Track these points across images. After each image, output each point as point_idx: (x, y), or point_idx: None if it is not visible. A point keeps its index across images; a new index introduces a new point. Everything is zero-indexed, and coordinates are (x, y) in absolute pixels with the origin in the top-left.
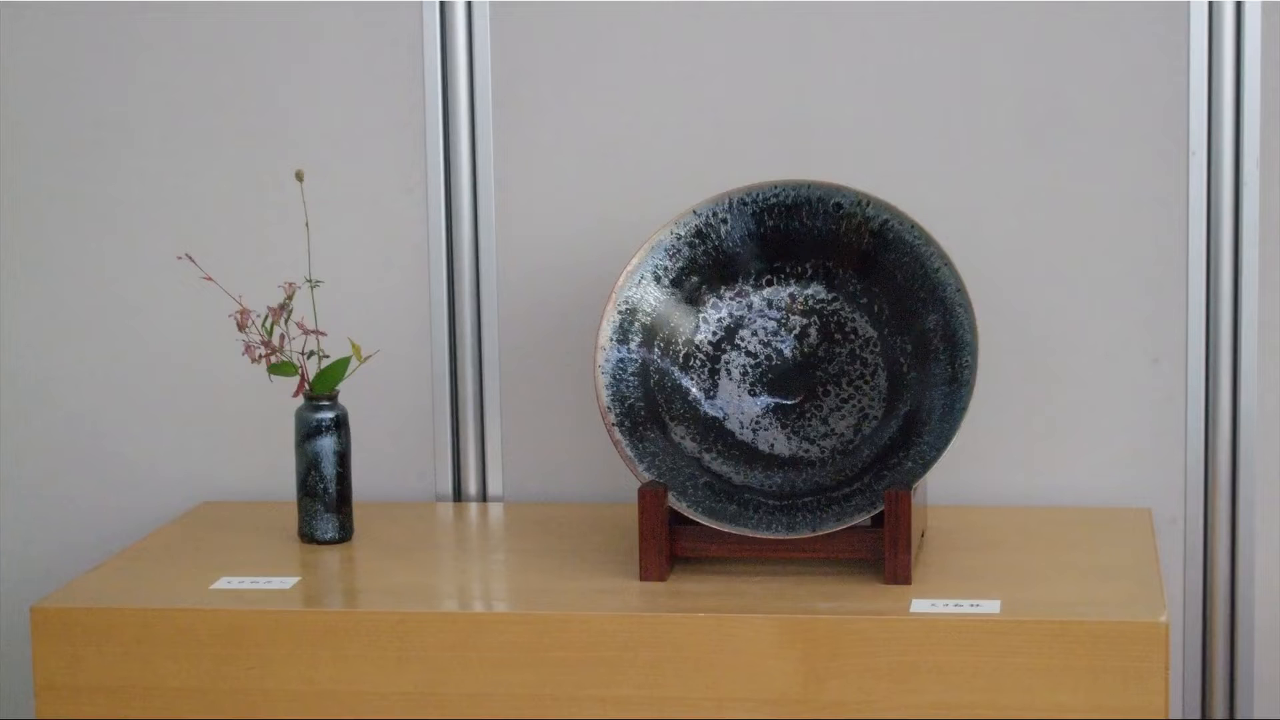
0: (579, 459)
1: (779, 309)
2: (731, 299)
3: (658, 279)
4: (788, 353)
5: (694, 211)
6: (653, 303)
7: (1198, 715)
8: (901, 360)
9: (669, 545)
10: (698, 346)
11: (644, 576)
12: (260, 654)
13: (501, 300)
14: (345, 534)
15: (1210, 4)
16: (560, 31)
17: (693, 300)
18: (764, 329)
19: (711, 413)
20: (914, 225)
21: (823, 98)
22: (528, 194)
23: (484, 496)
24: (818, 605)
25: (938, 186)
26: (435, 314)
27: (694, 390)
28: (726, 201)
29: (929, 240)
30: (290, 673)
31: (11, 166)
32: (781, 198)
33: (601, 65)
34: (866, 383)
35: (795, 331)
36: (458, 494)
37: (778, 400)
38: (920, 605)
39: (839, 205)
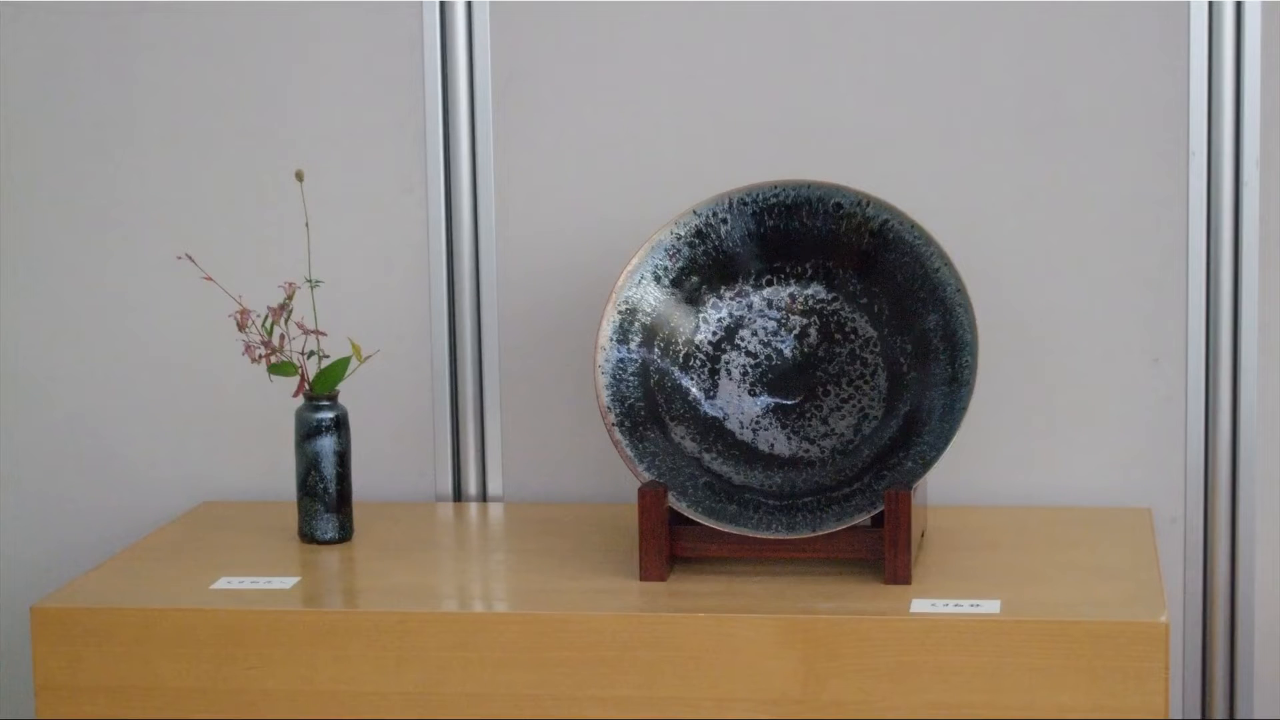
0: (579, 459)
1: (779, 309)
2: (731, 299)
3: (658, 279)
4: (788, 353)
5: (694, 211)
6: (653, 303)
7: (1198, 715)
8: (901, 360)
9: (669, 545)
10: (698, 346)
11: (644, 576)
12: (260, 654)
13: (501, 300)
14: (345, 534)
15: (1210, 4)
16: (560, 31)
17: (693, 300)
18: (764, 329)
19: (711, 413)
20: (914, 225)
21: (823, 98)
22: (528, 194)
23: (484, 496)
24: (818, 605)
25: (938, 186)
26: (435, 314)
27: (694, 390)
28: (726, 201)
29: (929, 240)
30: (290, 673)
31: (11, 166)
32: (781, 198)
33: (601, 65)
34: (866, 383)
35: (795, 331)
36: (458, 494)
37: (778, 400)
38: (920, 605)
39: (839, 205)
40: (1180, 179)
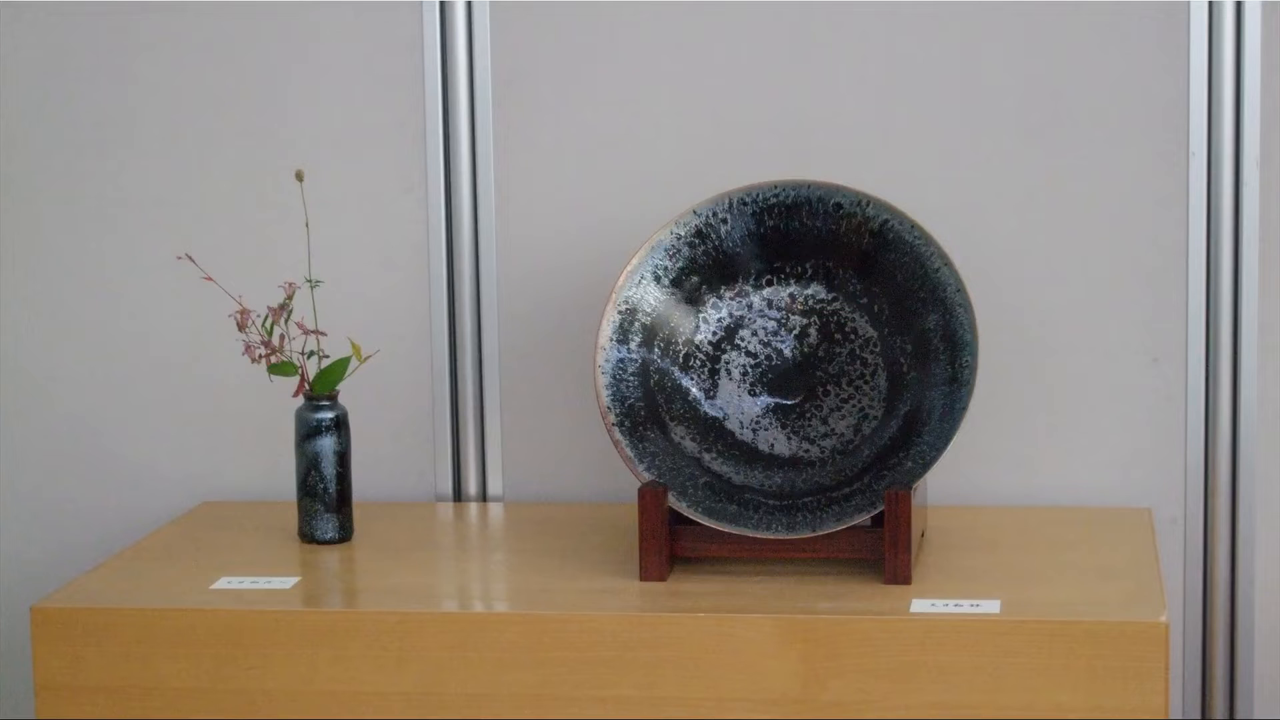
0: (579, 459)
1: (779, 309)
2: (731, 299)
3: (658, 279)
4: (788, 353)
5: (694, 211)
6: (653, 303)
7: (1198, 715)
8: (901, 360)
9: (669, 545)
10: (698, 346)
11: (644, 576)
12: (260, 654)
13: (501, 300)
14: (345, 534)
15: (1210, 4)
16: (560, 31)
17: (693, 300)
18: (764, 329)
19: (711, 413)
20: (914, 225)
21: (823, 98)
22: (528, 194)
23: (484, 496)
24: (818, 605)
25: (938, 186)
26: (435, 314)
27: (694, 390)
28: (726, 201)
29: (929, 240)
30: (290, 673)
31: (11, 166)
32: (781, 198)
33: (601, 65)
34: (866, 383)
35: (795, 331)
36: (458, 494)
37: (778, 400)
38: (920, 605)
39: (839, 205)
40: (1180, 179)
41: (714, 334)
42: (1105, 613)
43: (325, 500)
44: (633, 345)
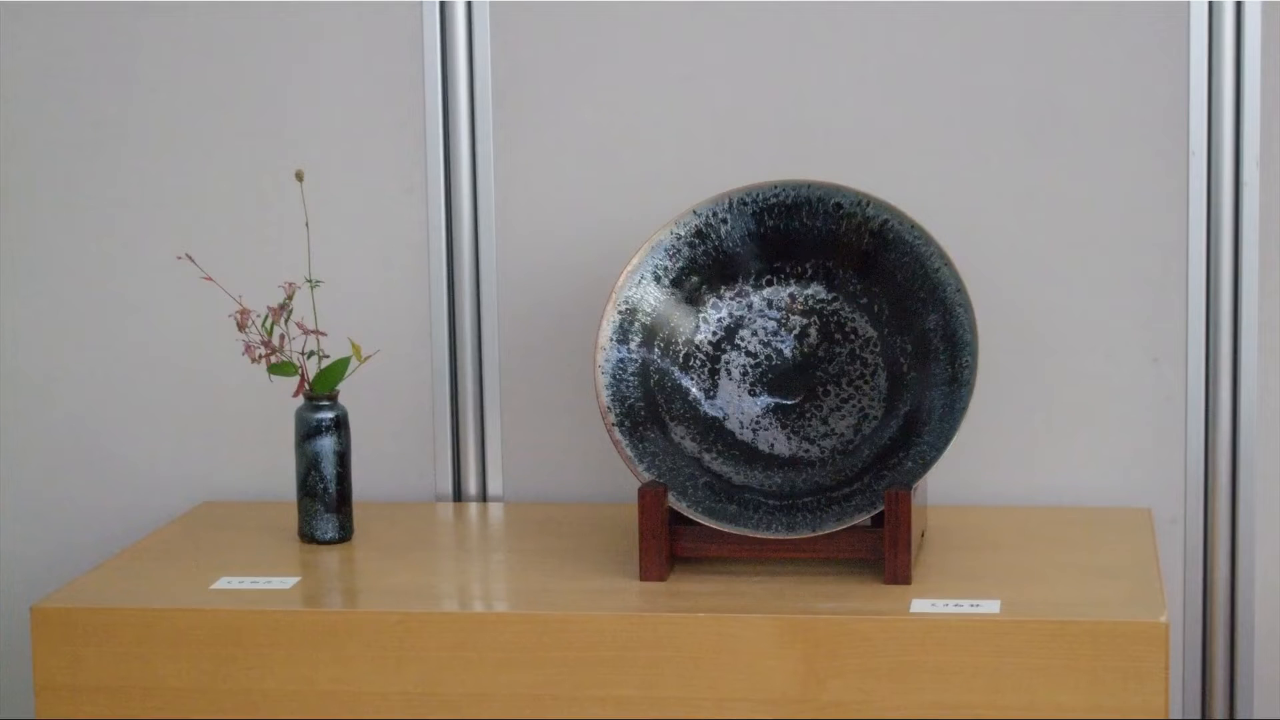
0: (579, 459)
1: (779, 309)
2: (731, 299)
3: (658, 279)
4: (788, 353)
5: (694, 211)
6: (653, 303)
7: (1198, 715)
8: (901, 360)
9: (669, 545)
10: (698, 346)
11: (644, 576)
12: (260, 654)
13: (501, 300)
14: (345, 534)
15: (1210, 4)
16: (560, 31)
17: (693, 300)
18: (764, 329)
19: (711, 413)
20: (914, 225)
21: (823, 98)
22: (528, 194)
23: (484, 496)
24: (818, 605)
25: (938, 186)
26: (435, 314)
27: (694, 390)
28: (726, 201)
29: (929, 240)
30: (290, 673)
31: (11, 166)
32: (781, 198)
33: (601, 65)
34: (866, 383)
35: (795, 331)
36: (458, 494)
37: (778, 400)
38: (920, 605)
39: (839, 205)
40: (1180, 179)
41: (714, 334)
42: (1105, 613)
43: (325, 500)
44: (633, 345)
